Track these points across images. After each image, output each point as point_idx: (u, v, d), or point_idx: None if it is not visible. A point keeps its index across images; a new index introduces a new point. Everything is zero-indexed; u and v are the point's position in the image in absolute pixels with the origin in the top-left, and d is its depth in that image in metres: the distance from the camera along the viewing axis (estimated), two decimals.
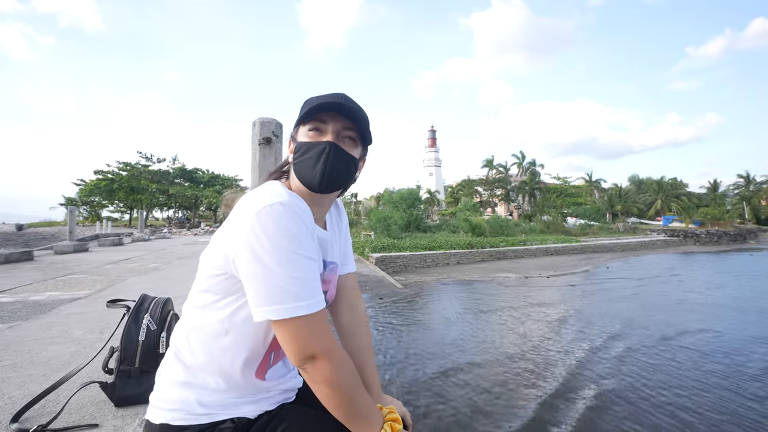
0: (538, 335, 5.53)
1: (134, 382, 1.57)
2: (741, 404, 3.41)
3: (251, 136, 2.89)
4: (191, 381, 0.75)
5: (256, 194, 0.70)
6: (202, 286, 0.76)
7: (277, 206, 0.66)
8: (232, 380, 0.76)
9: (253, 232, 0.65)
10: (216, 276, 0.73)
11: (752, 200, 45.14)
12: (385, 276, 10.04)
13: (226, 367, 0.75)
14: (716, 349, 4.89)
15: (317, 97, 0.77)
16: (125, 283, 5.11)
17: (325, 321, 0.70)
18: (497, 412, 3.34)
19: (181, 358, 0.77)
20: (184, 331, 0.78)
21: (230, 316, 0.74)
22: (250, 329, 0.75)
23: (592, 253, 18.06)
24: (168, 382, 0.77)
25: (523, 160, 39.89)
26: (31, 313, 3.37)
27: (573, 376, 4.05)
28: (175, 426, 0.73)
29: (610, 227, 30.40)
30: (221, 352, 0.75)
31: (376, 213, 20.01)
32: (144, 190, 32.61)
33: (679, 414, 3.25)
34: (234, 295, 0.73)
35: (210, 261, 0.74)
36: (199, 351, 0.75)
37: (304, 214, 0.70)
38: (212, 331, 0.75)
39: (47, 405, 1.60)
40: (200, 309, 0.76)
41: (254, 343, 0.76)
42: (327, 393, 0.70)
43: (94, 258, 8.33)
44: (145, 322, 1.59)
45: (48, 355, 2.29)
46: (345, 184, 0.81)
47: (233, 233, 0.68)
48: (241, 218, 0.67)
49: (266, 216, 0.65)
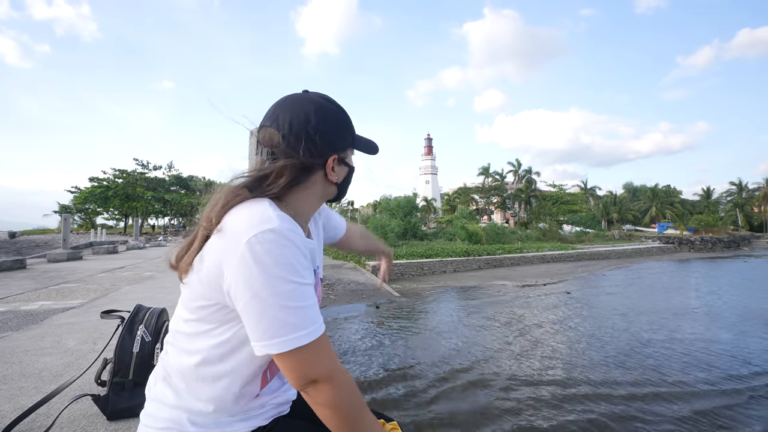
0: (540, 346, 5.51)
1: (128, 394, 1.53)
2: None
3: (248, 146, 2.88)
4: (181, 405, 0.73)
5: (243, 219, 0.66)
6: (191, 314, 0.72)
7: (268, 233, 0.62)
8: (225, 404, 0.73)
9: (245, 263, 0.61)
10: (207, 307, 0.69)
11: (745, 207, 45.65)
12: (381, 284, 10.00)
13: (220, 393, 0.72)
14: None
15: (359, 137, 0.85)
16: (119, 293, 5.06)
17: (327, 344, 0.68)
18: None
19: (171, 384, 0.74)
20: (173, 357, 0.75)
21: (224, 343, 0.71)
22: (245, 356, 0.72)
23: (588, 261, 18.12)
24: (158, 401, 0.75)
25: (519, 167, 40.16)
26: (23, 323, 3.31)
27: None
28: None
29: (606, 234, 30.56)
30: (215, 380, 0.72)
31: (373, 221, 20.01)
32: (139, 197, 32.42)
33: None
34: (228, 324, 0.70)
35: (198, 290, 0.69)
36: (190, 378, 0.72)
37: (297, 237, 0.67)
38: (206, 358, 0.71)
39: (38, 419, 1.56)
40: (191, 335, 0.73)
41: (250, 368, 0.73)
42: (329, 415, 0.68)
43: (88, 266, 8.24)
44: (140, 333, 1.56)
45: (39, 367, 2.24)
46: None
47: (224, 264, 0.64)
48: (231, 248, 0.63)
49: (258, 245, 0.61)
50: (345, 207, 37.09)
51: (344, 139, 0.79)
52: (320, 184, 0.78)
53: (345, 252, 14.48)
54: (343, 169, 0.81)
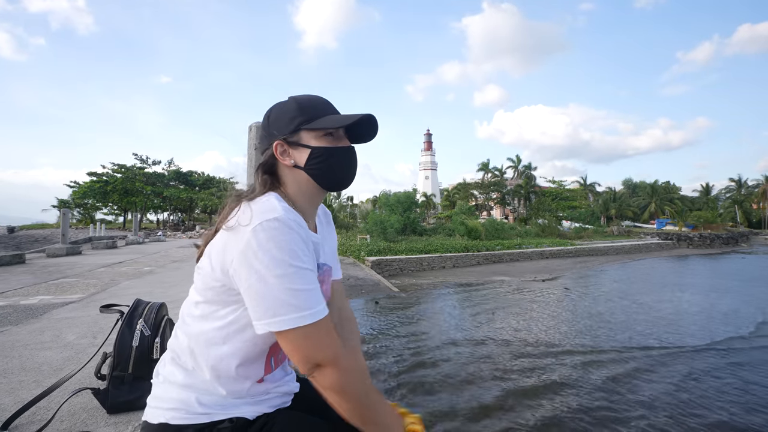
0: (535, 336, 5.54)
1: (127, 388, 1.54)
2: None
3: (247, 140, 2.88)
4: (191, 383, 0.77)
5: (251, 210, 0.71)
6: (200, 296, 0.77)
7: (273, 221, 0.68)
8: (231, 385, 0.77)
9: (250, 247, 0.67)
10: (214, 288, 0.74)
11: (744, 203, 45.70)
12: (381, 279, 10.02)
13: (225, 373, 0.76)
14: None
15: (313, 99, 0.82)
16: (119, 287, 5.06)
17: (331, 328, 0.71)
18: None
19: (180, 364, 0.79)
20: (182, 338, 0.79)
21: (229, 325, 0.75)
22: (249, 337, 0.76)
23: (587, 257, 18.16)
24: (167, 383, 0.78)
25: (518, 163, 40.12)
26: (22, 318, 3.32)
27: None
28: (174, 425, 0.73)
29: (605, 231, 30.61)
30: (220, 360, 0.76)
31: (372, 216, 20.02)
32: (138, 192, 32.32)
33: None
34: (233, 305, 0.74)
35: (208, 272, 0.75)
36: (198, 357, 0.77)
37: (299, 227, 0.71)
38: (211, 338, 0.76)
39: (38, 412, 1.57)
40: (198, 318, 0.77)
41: (253, 351, 0.77)
42: (337, 400, 0.71)
43: (87, 261, 8.24)
44: (139, 328, 1.57)
45: (39, 361, 2.25)
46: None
47: (231, 248, 0.70)
48: (238, 234, 0.69)
49: (262, 231, 0.67)
50: (344, 202, 37.05)
51: (290, 122, 0.80)
52: (289, 173, 0.81)
53: (344, 247, 14.49)
54: (300, 151, 0.80)
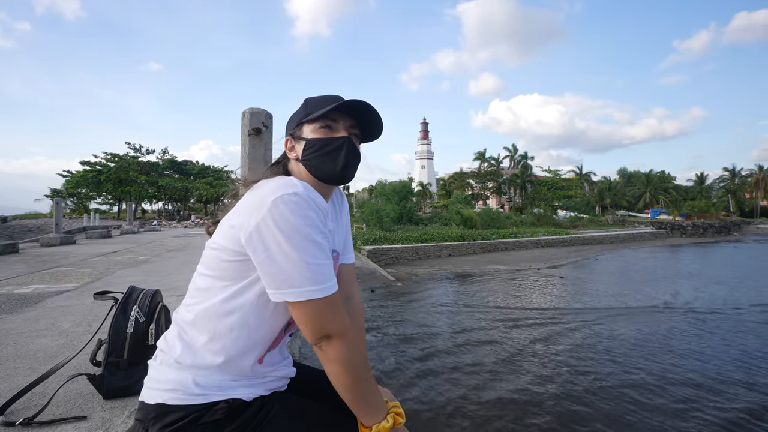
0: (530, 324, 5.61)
1: (123, 374, 1.55)
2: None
3: (241, 127, 2.85)
4: (190, 361, 0.77)
5: (271, 185, 0.73)
6: (208, 270, 0.79)
7: (293, 196, 0.69)
8: (232, 360, 0.78)
9: (270, 218, 0.68)
10: (226, 260, 0.75)
11: (737, 193, 46.08)
12: (377, 268, 10.07)
13: (229, 345, 0.77)
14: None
15: (321, 97, 0.85)
16: (113, 276, 5.05)
17: (339, 303, 0.74)
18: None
19: (184, 338, 0.79)
20: (189, 313, 0.80)
21: (236, 297, 0.76)
22: (254, 310, 0.77)
23: (582, 246, 18.32)
24: (165, 364, 0.79)
25: (515, 153, 40.06)
26: (17, 306, 3.31)
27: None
28: (171, 405, 0.74)
29: (600, 220, 30.83)
30: (226, 331, 0.77)
31: (368, 205, 20.00)
32: (133, 181, 32.01)
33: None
34: (242, 277, 0.76)
35: (220, 244, 0.76)
36: (204, 328, 0.77)
37: (318, 205, 0.73)
38: (218, 311, 0.77)
39: (33, 398, 1.58)
40: (206, 290, 0.79)
41: (258, 324, 0.79)
42: (339, 371, 0.74)
43: (81, 251, 8.20)
44: (134, 314, 1.57)
45: (34, 348, 2.25)
46: (353, 177, 0.88)
47: (248, 219, 0.70)
48: (257, 206, 0.70)
49: (282, 204, 0.68)
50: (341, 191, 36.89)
51: (297, 119, 0.87)
52: (295, 167, 0.88)
53: None
54: (300, 144, 0.86)
